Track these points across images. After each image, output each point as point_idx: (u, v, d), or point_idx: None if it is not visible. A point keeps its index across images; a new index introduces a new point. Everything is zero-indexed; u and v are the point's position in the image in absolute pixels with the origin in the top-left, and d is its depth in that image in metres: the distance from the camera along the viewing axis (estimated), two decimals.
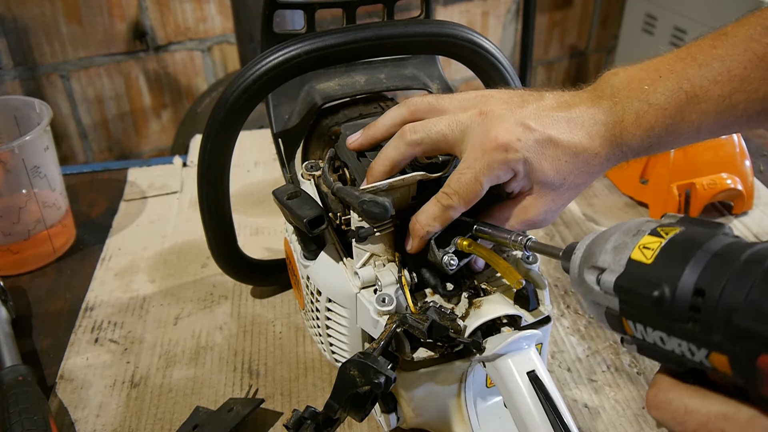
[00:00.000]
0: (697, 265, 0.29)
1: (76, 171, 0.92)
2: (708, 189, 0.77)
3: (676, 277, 0.29)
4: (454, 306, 0.47)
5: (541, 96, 0.47)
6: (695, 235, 0.31)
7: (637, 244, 0.32)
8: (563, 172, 0.45)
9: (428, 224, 0.46)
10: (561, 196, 0.47)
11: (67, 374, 0.60)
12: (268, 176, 0.90)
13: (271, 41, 0.56)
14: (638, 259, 0.32)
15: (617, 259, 0.33)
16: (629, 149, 0.45)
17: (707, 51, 0.43)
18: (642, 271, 0.31)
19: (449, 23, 0.56)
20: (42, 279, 0.73)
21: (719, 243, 0.30)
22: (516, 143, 0.44)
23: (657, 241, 0.32)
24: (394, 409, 0.48)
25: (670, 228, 0.32)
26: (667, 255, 0.31)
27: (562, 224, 0.80)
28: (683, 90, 0.43)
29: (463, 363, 0.47)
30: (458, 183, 0.45)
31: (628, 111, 0.44)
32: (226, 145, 0.55)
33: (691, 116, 0.44)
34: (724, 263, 0.28)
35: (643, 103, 0.44)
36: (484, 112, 0.46)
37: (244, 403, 0.55)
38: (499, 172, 0.44)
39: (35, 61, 1.63)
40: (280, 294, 0.70)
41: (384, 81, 0.61)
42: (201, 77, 1.82)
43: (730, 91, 0.43)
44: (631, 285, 0.31)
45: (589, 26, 2.30)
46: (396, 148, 0.47)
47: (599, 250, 0.34)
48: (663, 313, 0.30)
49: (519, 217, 0.47)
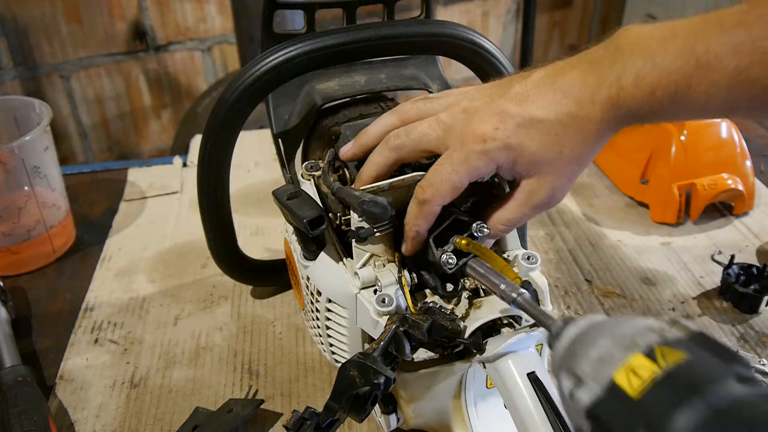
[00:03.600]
0: (688, 420, 0.23)
1: (76, 171, 0.92)
2: (709, 189, 0.77)
3: (660, 428, 0.24)
4: (454, 306, 0.47)
5: (530, 74, 0.45)
6: (700, 372, 0.25)
7: (625, 363, 0.26)
8: (555, 146, 0.44)
9: (413, 224, 0.46)
10: (563, 171, 0.45)
11: (66, 375, 0.60)
12: (268, 176, 0.90)
13: (271, 41, 0.55)
14: (622, 386, 0.26)
15: (598, 375, 0.27)
16: (629, 112, 0.42)
17: (736, 15, 0.39)
18: (623, 404, 0.25)
19: (449, 23, 0.56)
20: (42, 279, 0.73)
21: (727, 393, 0.24)
22: (493, 132, 0.43)
23: (650, 367, 0.25)
24: (394, 410, 0.48)
25: (671, 352, 0.26)
26: (658, 394, 0.25)
27: (563, 224, 0.80)
28: (695, 54, 0.39)
29: (463, 364, 0.47)
30: (434, 175, 0.45)
31: (628, 70, 0.41)
32: (226, 145, 0.55)
33: (699, 86, 0.40)
34: (725, 429, 0.23)
35: (646, 62, 0.40)
36: (466, 109, 0.46)
37: (244, 403, 0.55)
38: (478, 163, 0.44)
39: (35, 61, 1.63)
40: (280, 294, 0.69)
41: (384, 81, 0.61)
42: (201, 77, 1.82)
43: (749, 63, 0.38)
44: (607, 418, 0.26)
45: (589, 26, 2.30)
46: (381, 154, 0.47)
47: (583, 353, 0.29)
48: None
49: (528, 204, 0.46)
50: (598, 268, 0.72)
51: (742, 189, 0.78)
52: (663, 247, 0.76)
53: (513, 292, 0.40)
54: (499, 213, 0.48)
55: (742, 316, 0.65)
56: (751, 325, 0.64)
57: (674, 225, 0.79)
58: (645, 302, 0.67)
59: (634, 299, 0.68)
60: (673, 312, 0.66)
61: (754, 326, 0.64)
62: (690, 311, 0.66)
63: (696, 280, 0.70)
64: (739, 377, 0.24)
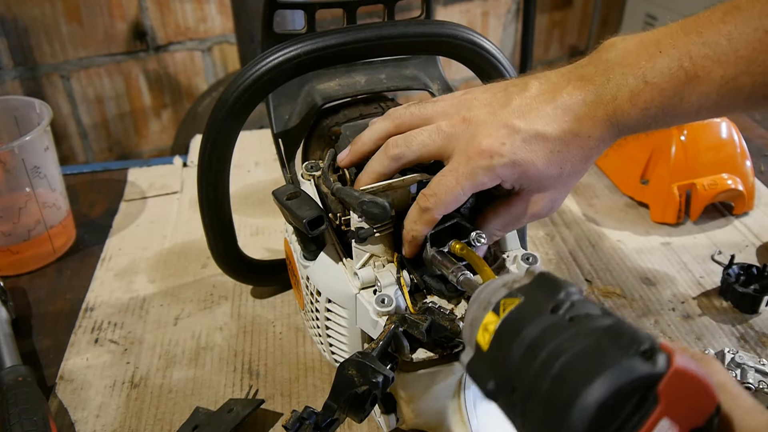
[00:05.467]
0: (514, 358, 0.28)
1: (76, 171, 0.92)
2: (709, 189, 0.77)
3: (501, 371, 0.28)
4: (453, 306, 0.47)
5: (526, 85, 0.46)
6: (525, 312, 0.29)
7: (482, 322, 0.31)
8: (558, 162, 0.44)
9: (411, 228, 0.46)
10: (563, 185, 0.46)
11: (67, 375, 0.60)
12: (268, 176, 0.90)
13: (271, 41, 0.55)
14: (480, 343, 0.30)
15: (471, 339, 0.31)
16: (625, 127, 0.44)
17: (715, 26, 0.41)
18: (481, 358, 0.30)
19: (449, 23, 0.56)
20: (42, 279, 0.73)
21: (539, 326, 0.28)
22: (501, 148, 0.43)
23: (494, 321, 0.30)
24: (393, 409, 0.48)
25: (510, 301, 0.30)
26: (497, 341, 0.29)
27: (563, 224, 0.80)
28: (683, 68, 0.41)
29: None
30: (438, 185, 0.45)
31: (623, 88, 0.42)
32: (226, 145, 0.55)
33: (690, 97, 0.41)
34: (530, 358, 0.27)
35: (638, 80, 0.42)
36: (467, 119, 0.45)
37: (244, 403, 0.55)
38: (483, 178, 0.44)
39: (35, 61, 1.63)
40: (280, 294, 0.70)
41: (384, 81, 0.61)
42: (201, 77, 1.82)
43: (734, 73, 0.40)
44: (474, 373, 0.30)
45: (589, 26, 2.30)
46: (380, 162, 0.47)
47: (465, 321, 0.33)
48: (500, 407, 0.29)
49: (526, 214, 0.47)
50: (598, 268, 0.72)
51: (742, 189, 0.78)
52: (663, 247, 0.76)
53: (459, 273, 0.42)
54: (496, 220, 0.48)
55: (742, 316, 0.65)
56: (751, 325, 0.64)
57: (674, 225, 0.79)
58: (645, 302, 0.67)
59: (634, 299, 0.68)
60: (673, 312, 0.66)
61: (754, 326, 0.64)
62: (690, 311, 0.66)
63: (696, 280, 0.70)
64: (553, 308, 0.28)
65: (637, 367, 0.24)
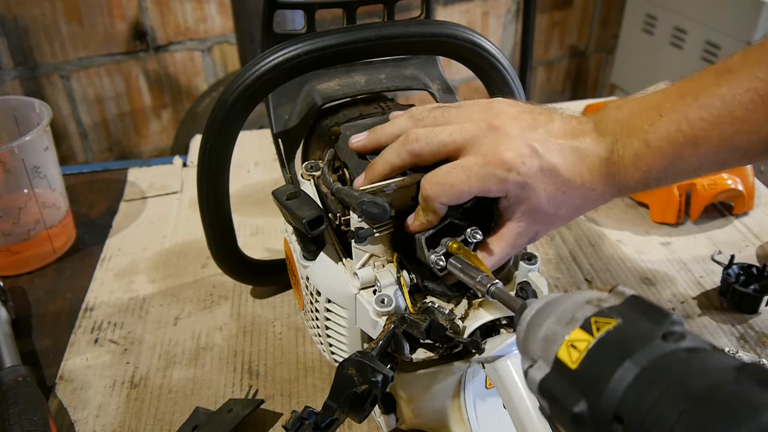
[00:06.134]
0: (620, 382, 0.25)
1: (76, 171, 0.92)
2: (708, 189, 0.77)
3: (597, 394, 0.26)
4: (453, 306, 0.47)
5: (551, 118, 0.46)
6: (629, 335, 0.27)
7: (566, 339, 0.28)
8: (557, 203, 0.45)
9: (417, 223, 0.46)
10: (551, 224, 0.47)
11: (66, 375, 0.60)
12: (268, 176, 0.90)
13: (271, 41, 0.55)
14: (564, 361, 0.28)
15: (546, 354, 0.29)
16: (625, 188, 0.45)
17: (709, 89, 0.43)
18: (566, 377, 0.28)
19: (449, 23, 0.56)
20: (42, 279, 0.73)
21: (653, 352, 0.26)
22: (521, 166, 0.43)
23: (586, 339, 0.28)
24: (393, 409, 0.48)
25: (605, 321, 0.28)
26: (593, 362, 0.27)
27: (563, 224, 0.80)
28: (682, 132, 0.43)
29: (463, 364, 0.47)
30: (446, 176, 0.44)
31: (628, 151, 0.44)
32: (226, 145, 0.55)
33: (690, 158, 0.43)
34: (649, 385, 0.25)
35: (642, 143, 0.43)
36: (494, 126, 0.45)
37: (243, 403, 0.55)
38: (492, 186, 0.44)
39: (35, 61, 1.63)
40: (280, 294, 0.70)
41: (384, 81, 0.61)
42: (201, 77, 1.82)
43: (731, 133, 0.42)
44: (555, 391, 0.28)
45: (589, 26, 2.30)
46: (398, 154, 0.47)
47: (534, 335, 0.31)
48: (582, 431, 0.27)
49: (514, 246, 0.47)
50: (598, 268, 0.72)
51: (741, 189, 0.78)
52: (663, 247, 0.76)
53: (488, 283, 0.41)
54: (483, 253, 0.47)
55: (742, 316, 0.65)
56: (751, 325, 0.64)
57: (674, 225, 0.79)
58: None
59: None
60: (673, 312, 0.66)
61: (754, 326, 0.64)
62: (690, 311, 0.66)
63: (696, 280, 0.70)
64: (665, 335, 0.26)
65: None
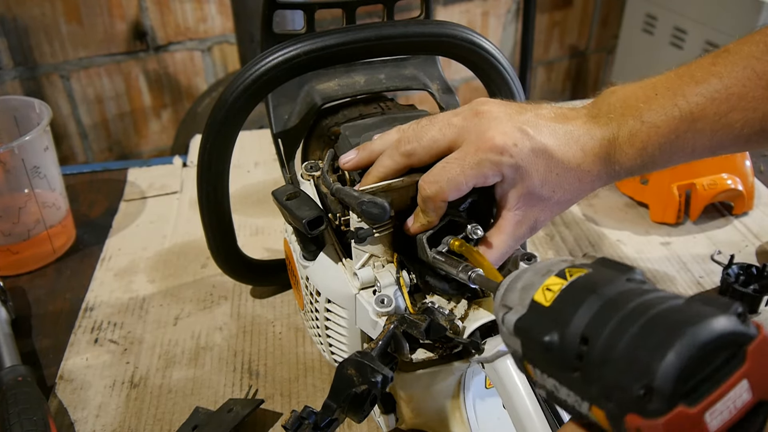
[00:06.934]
0: (587, 311, 0.28)
1: (76, 171, 0.92)
2: (708, 189, 0.77)
3: (566, 322, 0.28)
4: (453, 307, 0.47)
5: (539, 105, 0.47)
6: (596, 278, 0.29)
7: (542, 284, 0.31)
8: (552, 185, 0.45)
9: (417, 225, 0.46)
10: (549, 210, 0.47)
11: (66, 374, 0.60)
12: (268, 176, 0.90)
13: (271, 41, 0.56)
14: (539, 301, 0.30)
15: (522, 299, 0.32)
16: (622, 168, 0.45)
17: (706, 68, 0.43)
18: (539, 313, 0.30)
19: (449, 23, 0.56)
20: (42, 279, 0.73)
21: (616, 288, 0.28)
22: (512, 148, 0.43)
23: (560, 283, 0.30)
24: (392, 409, 0.48)
25: (578, 270, 0.31)
26: (564, 298, 0.29)
27: (563, 224, 0.80)
28: (678, 107, 0.43)
29: (462, 364, 0.47)
30: (441, 173, 0.44)
31: (623, 129, 0.44)
32: (226, 145, 0.55)
33: (686, 135, 0.43)
34: (612, 310, 0.27)
35: (636, 120, 0.43)
36: (479, 112, 0.45)
37: (243, 403, 0.55)
38: (488, 171, 0.44)
39: (35, 61, 1.63)
40: (280, 294, 0.70)
41: (384, 81, 0.61)
42: (201, 77, 1.82)
43: (727, 109, 0.42)
44: (528, 327, 0.30)
45: (589, 26, 2.30)
46: (391, 158, 0.47)
47: (512, 287, 0.33)
48: (552, 360, 0.29)
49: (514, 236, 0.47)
50: None
51: (741, 189, 0.78)
52: (663, 247, 0.76)
53: (469, 271, 0.42)
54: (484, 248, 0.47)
55: None
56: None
57: (674, 225, 0.79)
58: None
59: None
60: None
61: None
62: None
63: (696, 280, 0.70)
64: (629, 279, 0.29)
65: (736, 323, 0.25)
